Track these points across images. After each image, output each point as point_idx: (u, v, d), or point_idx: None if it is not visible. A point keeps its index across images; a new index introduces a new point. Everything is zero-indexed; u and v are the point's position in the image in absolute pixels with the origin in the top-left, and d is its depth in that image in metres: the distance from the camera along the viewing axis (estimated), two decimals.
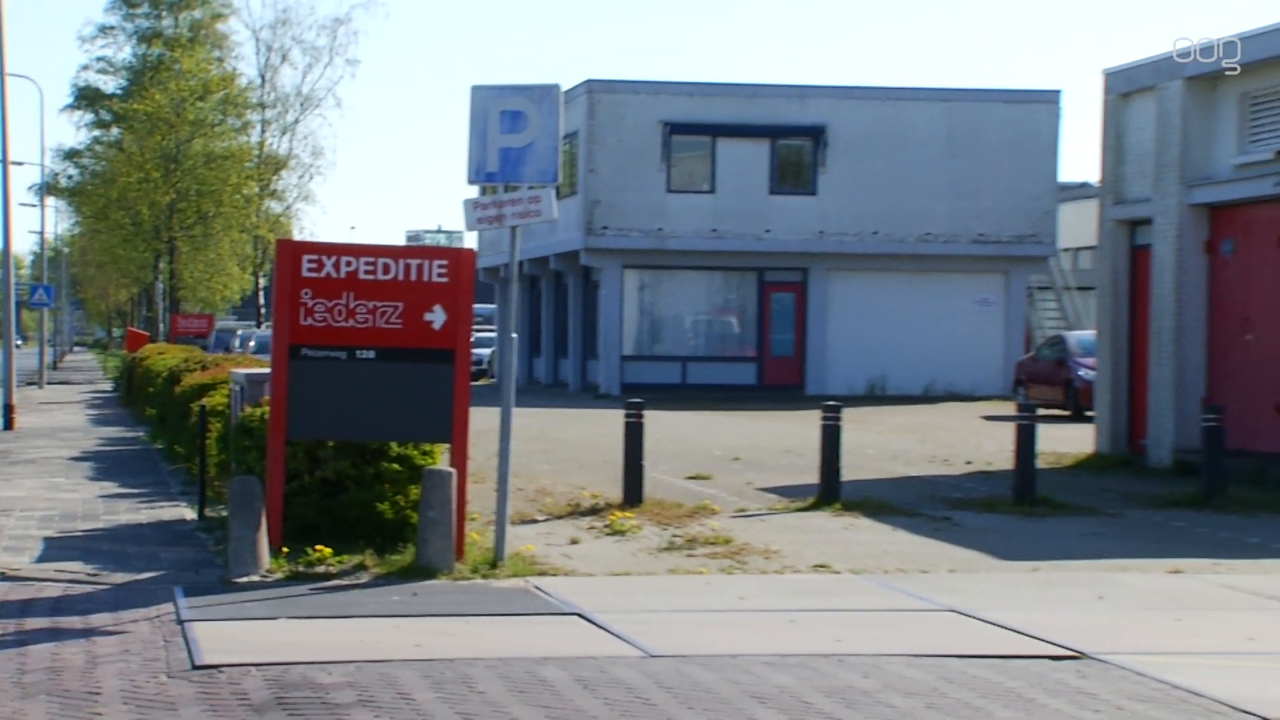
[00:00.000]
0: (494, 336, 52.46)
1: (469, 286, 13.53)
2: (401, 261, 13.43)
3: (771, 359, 43.17)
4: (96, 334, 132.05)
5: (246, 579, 12.53)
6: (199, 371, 23.49)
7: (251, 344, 49.56)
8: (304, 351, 13.25)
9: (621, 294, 42.90)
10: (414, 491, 13.69)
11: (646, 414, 17.84)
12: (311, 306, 13.25)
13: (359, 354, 13.29)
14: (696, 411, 34.35)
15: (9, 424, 30.11)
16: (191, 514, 16.78)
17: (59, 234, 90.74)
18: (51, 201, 72.29)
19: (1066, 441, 25.96)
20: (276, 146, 60.01)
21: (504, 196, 13.77)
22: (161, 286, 62.27)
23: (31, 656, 9.88)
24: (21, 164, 62.77)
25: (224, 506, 14.90)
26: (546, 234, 44.14)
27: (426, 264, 13.45)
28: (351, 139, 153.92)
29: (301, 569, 12.82)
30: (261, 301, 65.74)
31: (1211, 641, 10.78)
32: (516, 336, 14.65)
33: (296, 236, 56.91)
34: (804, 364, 43.02)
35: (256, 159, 58.72)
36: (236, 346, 51.93)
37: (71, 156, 64.50)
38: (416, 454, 14.00)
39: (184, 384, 22.92)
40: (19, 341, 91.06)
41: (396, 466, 13.92)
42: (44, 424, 31.73)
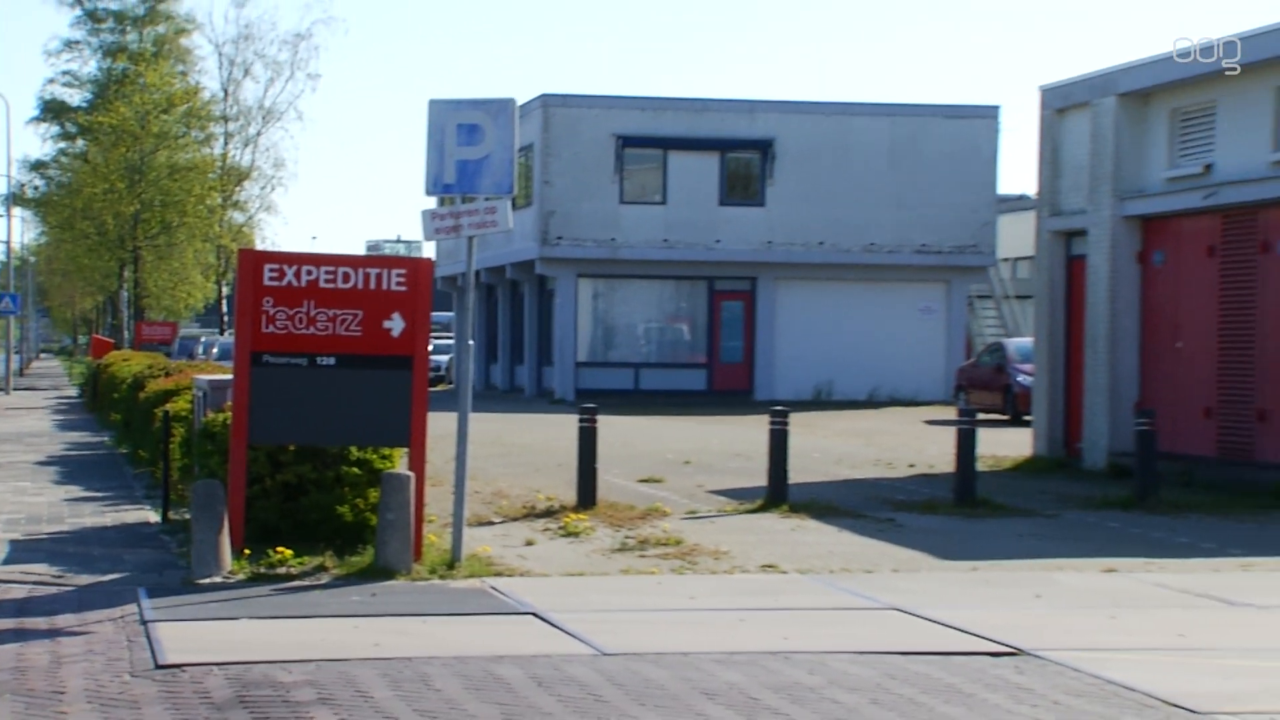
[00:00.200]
0: (452, 344, 52.31)
1: (427, 295, 13.50)
2: (361, 271, 13.39)
3: (721, 365, 43.23)
4: (63, 341, 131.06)
5: (209, 580, 12.46)
6: (163, 378, 23.33)
7: (214, 351, 49.31)
8: (265, 358, 13.19)
9: (576, 302, 42.87)
10: (373, 495, 13.65)
11: (600, 419, 17.83)
12: (273, 314, 13.19)
13: (319, 361, 13.24)
14: (649, 416, 34.35)
15: None
16: (155, 517, 16.68)
17: (25, 244, 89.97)
18: (18, 212, 71.66)
19: (1005, 445, 26.07)
20: (239, 158, 59.79)
21: (461, 208, 13.75)
22: (126, 295, 61.87)
23: None
24: None
25: (187, 509, 14.81)
26: (503, 244, 44.06)
27: (385, 273, 13.42)
28: (313, 151, 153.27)
29: (263, 570, 12.75)
30: (224, 309, 65.41)
31: (1144, 638, 10.83)
32: (473, 344, 14.64)
33: (259, 246, 56.65)
34: (753, 370, 43.09)
35: (219, 170, 58.45)
36: (200, 353, 51.60)
37: (38, 168, 64.06)
38: (376, 458, 13.96)
39: (148, 390, 22.77)
40: None
41: (356, 470, 13.87)
42: (10, 429, 31.46)
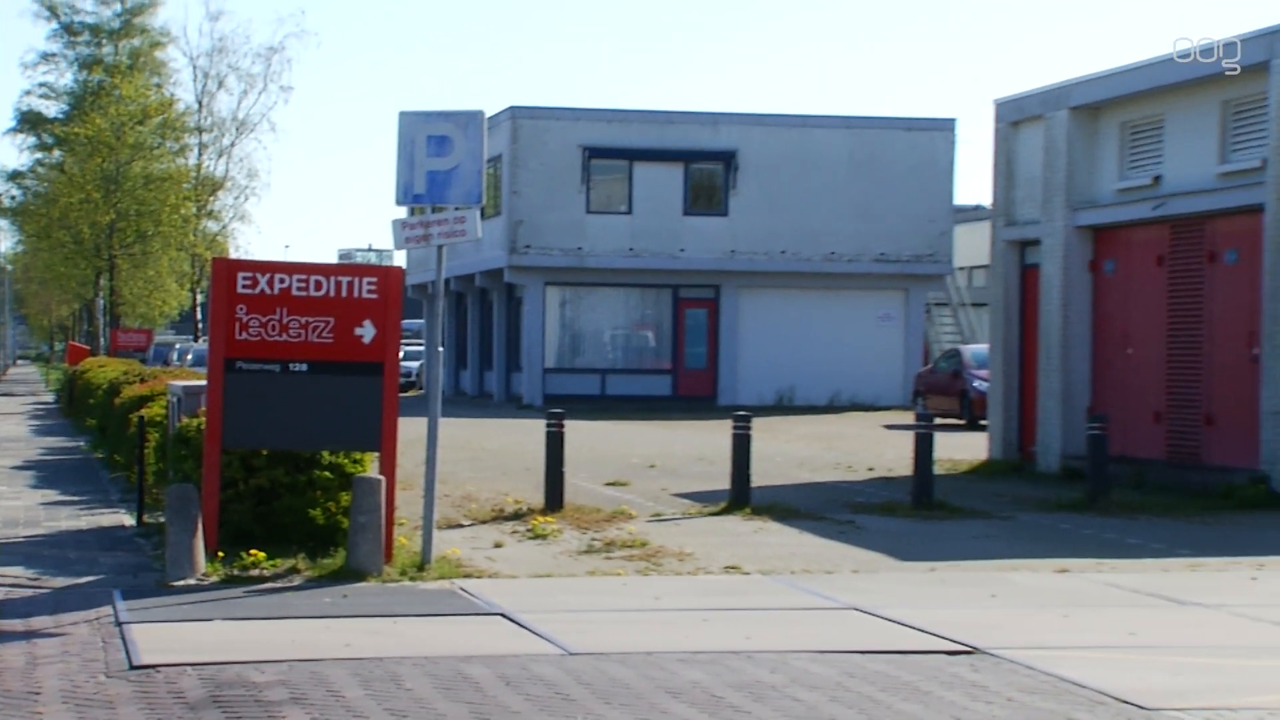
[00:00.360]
0: (422, 350, 52.17)
1: (397, 302, 13.48)
2: (333, 279, 13.36)
3: (686, 371, 43.24)
4: (40, 348, 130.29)
5: (183, 582, 12.40)
6: (138, 384, 23.22)
7: (189, 357, 49.10)
8: (239, 364, 13.15)
9: (544, 309, 42.84)
10: (345, 498, 13.61)
11: (567, 424, 17.81)
12: (246, 321, 13.15)
13: (292, 367, 13.21)
14: (615, 421, 34.34)
15: None
16: (130, 520, 16.59)
17: (3, 252, 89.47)
18: None
19: (962, 449, 26.15)
20: (213, 169, 59.52)
21: (431, 217, 13.73)
22: (102, 302, 61.54)
23: None
24: None
25: (162, 513, 14.74)
26: (472, 252, 43.99)
27: (356, 281, 13.39)
28: (285, 161, 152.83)
29: (236, 573, 12.70)
30: (199, 317, 65.06)
31: (1096, 636, 10.87)
32: (443, 350, 14.61)
33: (232, 255, 56.43)
34: (716, 376, 43.12)
35: (194, 181, 58.17)
36: (175, 360, 51.39)
37: (15, 178, 63.64)
38: (347, 462, 13.92)
39: (123, 396, 22.66)
40: None
41: (328, 474, 13.83)
42: None
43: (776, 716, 8.45)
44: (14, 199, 63.34)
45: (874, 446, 28.02)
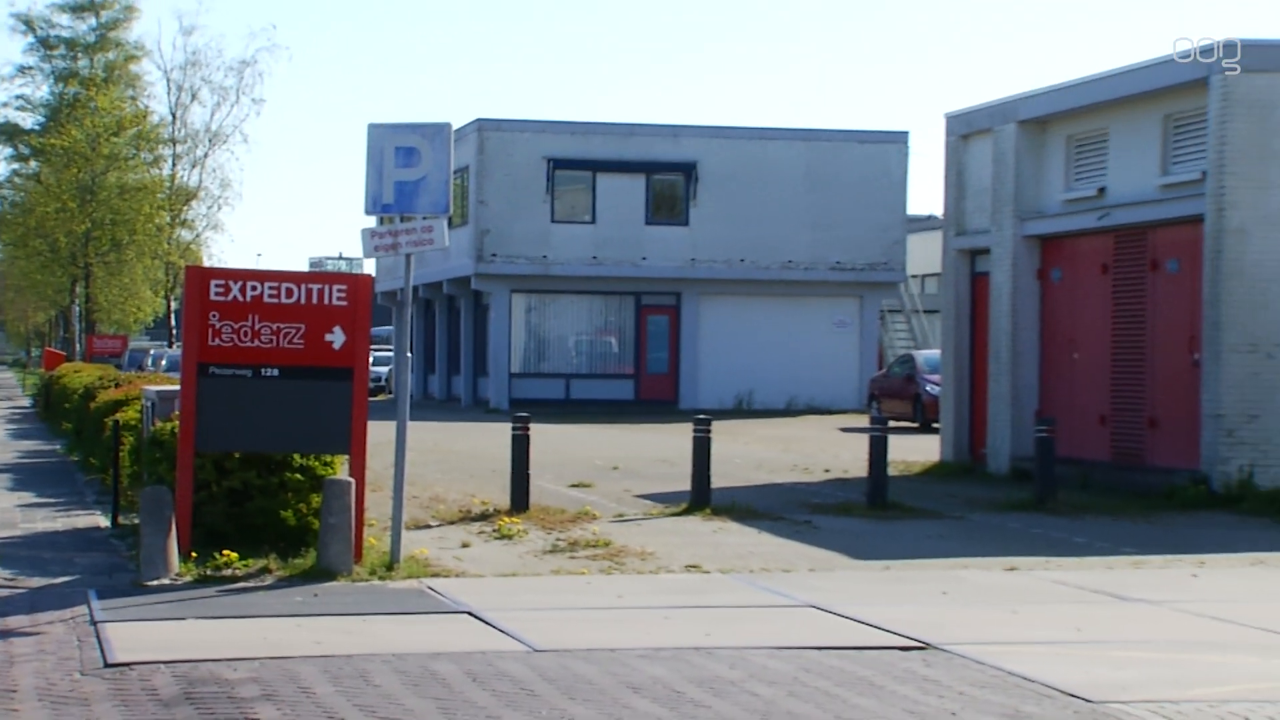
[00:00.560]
0: (391, 355, 52.04)
1: (366, 309, 13.44)
2: (303, 286, 13.31)
3: (648, 376, 43.25)
4: (16, 354, 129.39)
5: (157, 582, 12.33)
6: (113, 388, 23.09)
7: (163, 363, 48.80)
8: (212, 369, 13.09)
9: (510, 316, 42.78)
10: (316, 500, 13.55)
11: (532, 427, 17.79)
12: (219, 328, 13.09)
13: (264, 372, 13.15)
14: (579, 425, 34.31)
15: None
16: (105, 522, 16.48)
17: None
18: None
19: (915, 451, 26.22)
20: (187, 179, 59.20)
21: (399, 226, 13.70)
22: (78, 309, 61.16)
23: None
24: None
25: (136, 515, 14.64)
26: (440, 261, 43.90)
27: (327, 288, 13.34)
28: (258, 172, 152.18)
29: (209, 572, 12.63)
30: (173, 323, 64.67)
31: (1043, 632, 10.92)
32: (411, 355, 14.58)
33: (206, 263, 56.14)
34: (678, 380, 43.14)
35: (168, 191, 57.86)
36: (149, 365, 51.09)
37: None
38: (318, 465, 13.86)
39: (99, 400, 22.52)
40: None
41: (299, 476, 13.77)
42: None
43: (736, 711, 8.45)
44: None
45: (830, 449, 28.07)
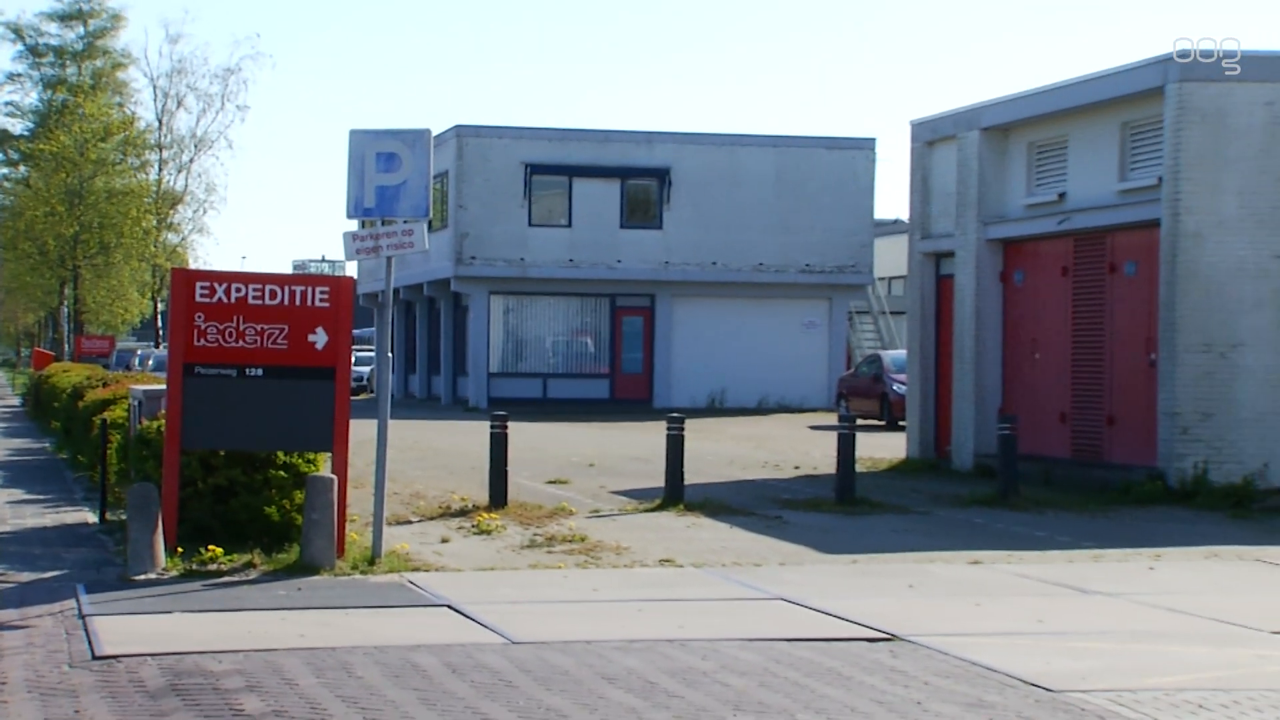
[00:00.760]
0: (373, 355, 51.91)
1: (348, 310, 13.41)
2: (287, 288, 13.27)
3: (623, 375, 43.24)
4: (6, 354, 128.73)
5: (144, 577, 12.28)
6: (101, 388, 22.98)
7: (150, 363, 48.61)
8: (197, 369, 13.05)
9: (488, 317, 42.73)
10: (299, 496, 13.51)
11: (510, 425, 17.78)
12: (204, 329, 13.05)
13: (248, 371, 13.11)
14: (556, 423, 34.29)
15: None
16: (93, 518, 16.41)
17: None
18: None
19: (882, 448, 26.28)
20: (173, 183, 58.97)
21: (380, 230, 13.67)
22: (66, 310, 60.88)
23: None
24: None
25: (124, 511, 14.58)
26: (420, 263, 43.83)
27: (310, 290, 13.31)
28: (242, 176, 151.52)
29: (195, 567, 12.59)
30: (159, 324, 64.44)
31: (1006, 623, 10.95)
32: (392, 356, 14.55)
33: (192, 265, 55.95)
34: (652, 380, 43.14)
35: (154, 195, 57.65)
36: (136, 365, 50.88)
37: None
38: (301, 462, 13.82)
39: (87, 399, 22.42)
40: None
41: (283, 474, 13.73)
42: None
43: (708, 701, 8.46)
44: None
45: (800, 446, 28.11)
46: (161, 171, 58.85)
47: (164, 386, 14.63)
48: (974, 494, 19.30)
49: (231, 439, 13.30)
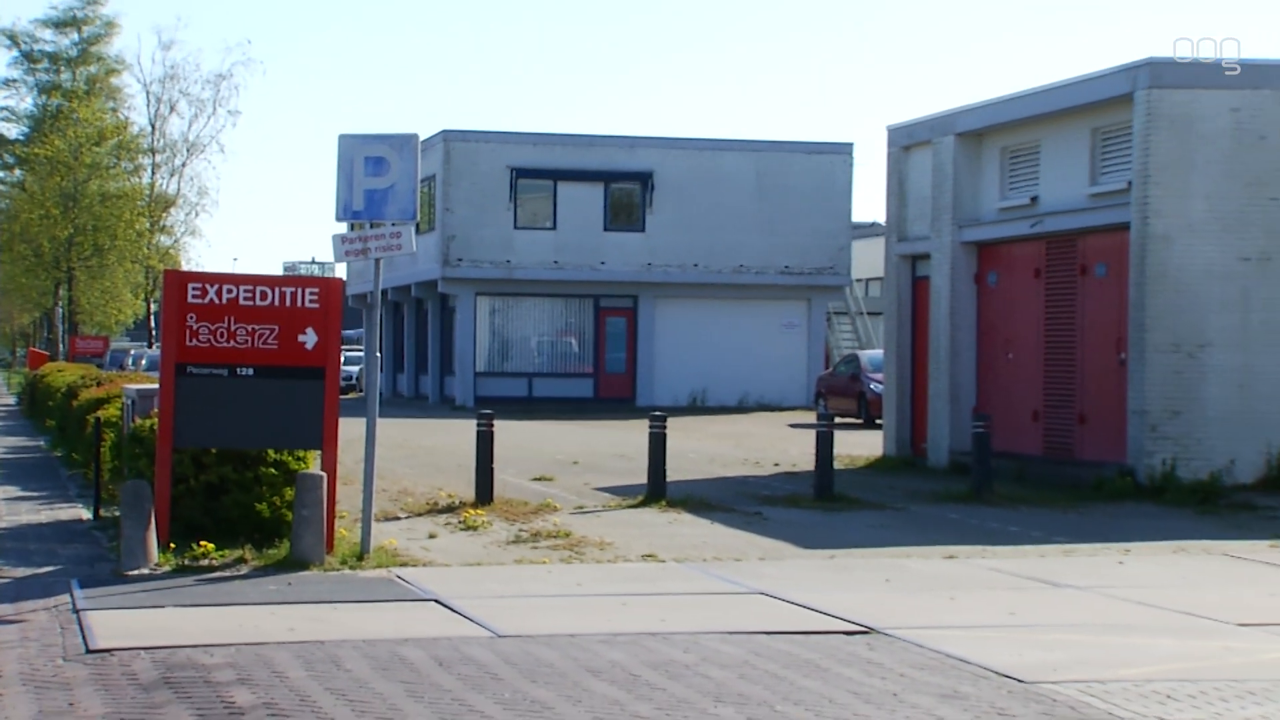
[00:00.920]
0: (361, 355, 51.83)
1: (337, 311, 13.40)
2: (277, 289, 13.25)
3: (606, 375, 43.23)
4: (2, 354, 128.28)
5: (137, 572, 12.25)
6: (95, 387, 22.92)
7: (143, 363, 48.51)
8: (190, 369, 13.02)
9: (475, 318, 42.69)
10: (289, 493, 13.50)
11: (496, 423, 17.76)
12: (196, 329, 13.03)
13: (239, 371, 13.09)
14: (541, 421, 34.27)
15: None
16: (87, 514, 16.36)
17: None
18: None
19: (860, 446, 26.31)
20: (165, 187, 58.86)
21: (369, 232, 13.65)
22: (61, 311, 60.70)
23: None
24: None
25: (117, 508, 14.54)
26: (408, 265, 43.77)
27: (300, 291, 13.29)
28: (234, 179, 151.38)
29: (187, 563, 12.56)
30: (152, 325, 64.27)
31: (979, 616, 10.96)
32: (381, 355, 14.53)
33: (184, 267, 55.82)
34: (635, 379, 43.13)
35: (147, 198, 57.53)
36: (129, 365, 50.74)
37: None
38: (291, 460, 13.81)
39: (81, 398, 22.36)
40: None
41: (273, 471, 13.72)
42: None
43: (690, 693, 8.47)
44: None
45: (779, 444, 28.13)
46: (154, 175, 58.75)
47: (156, 386, 14.60)
48: (949, 490, 19.33)
49: (223, 437, 13.27)
